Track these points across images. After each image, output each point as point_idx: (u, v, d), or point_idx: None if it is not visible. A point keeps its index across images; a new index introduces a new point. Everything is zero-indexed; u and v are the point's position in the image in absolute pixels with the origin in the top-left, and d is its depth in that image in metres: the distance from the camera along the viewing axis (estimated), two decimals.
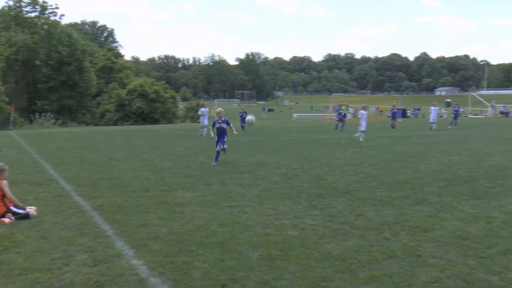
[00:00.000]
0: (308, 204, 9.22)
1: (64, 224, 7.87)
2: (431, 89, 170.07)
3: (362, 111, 25.86)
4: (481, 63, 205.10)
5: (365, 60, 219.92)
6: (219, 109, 15.76)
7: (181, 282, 5.30)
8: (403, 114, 61.07)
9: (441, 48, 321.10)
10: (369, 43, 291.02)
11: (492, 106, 68.48)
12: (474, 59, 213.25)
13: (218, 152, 15.10)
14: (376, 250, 6.41)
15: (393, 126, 36.17)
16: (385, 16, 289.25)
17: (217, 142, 15.08)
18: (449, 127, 36.17)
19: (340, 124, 35.14)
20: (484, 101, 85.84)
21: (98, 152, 19.42)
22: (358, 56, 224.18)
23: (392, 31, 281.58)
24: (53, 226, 7.79)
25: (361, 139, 23.96)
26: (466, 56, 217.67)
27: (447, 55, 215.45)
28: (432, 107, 35.70)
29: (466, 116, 65.35)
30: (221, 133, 15.17)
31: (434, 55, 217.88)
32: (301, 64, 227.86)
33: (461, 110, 51.34)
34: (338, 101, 48.69)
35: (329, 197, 9.88)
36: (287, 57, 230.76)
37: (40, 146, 22.37)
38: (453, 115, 38.76)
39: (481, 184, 11.40)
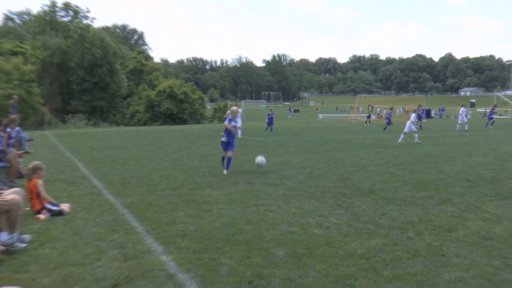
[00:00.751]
0: (333, 203, 9.20)
1: (96, 221, 8.00)
2: (455, 89, 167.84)
3: (413, 114, 25.37)
4: (507, 63, 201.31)
5: (389, 61, 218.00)
6: (234, 107, 13.93)
7: (208, 278, 5.35)
8: (428, 114, 60.38)
9: (466, 48, 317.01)
10: (394, 43, 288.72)
11: None
12: (500, 59, 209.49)
13: (229, 159, 13.15)
14: (400, 249, 6.37)
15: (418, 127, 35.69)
16: (410, 16, 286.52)
17: (227, 146, 13.17)
18: (486, 127, 35.85)
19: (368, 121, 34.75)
20: (510, 101, 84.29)
21: (128, 151, 19.61)
22: (382, 57, 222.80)
23: (417, 31, 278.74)
24: (86, 222, 7.92)
25: (416, 140, 23.60)
26: (492, 56, 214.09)
27: (472, 56, 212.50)
28: (462, 108, 35.12)
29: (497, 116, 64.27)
30: (232, 135, 13.31)
31: (458, 55, 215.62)
32: (326, 65, 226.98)
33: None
34: (364, 102, 48.32)
35: (354, 197, 9.84)
36: (312, 58, 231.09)
37: (73, 145, 22.71)
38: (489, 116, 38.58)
39: (506, 185, 11.22)
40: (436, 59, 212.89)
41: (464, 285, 5.18)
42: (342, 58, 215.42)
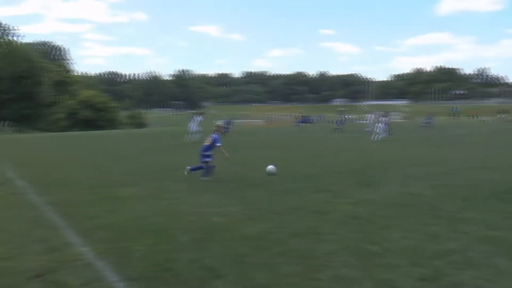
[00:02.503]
0: (229, 195, 9.29)
1: (19, 218, 7.53)
2: (329, 100, 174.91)
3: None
4: (367, 79, 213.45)
5: (276, 77, 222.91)
6: (219, 123, 12.85)
7: (123, 264, 5.23)
8: (307, 120, 62.44)
9: (337, 67, 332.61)
10: (279, 63, 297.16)
11: (374, 114, 71.27)
12: (362, 76, 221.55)
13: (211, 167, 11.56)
14: (285, 230, 6.58)
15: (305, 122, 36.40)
16: (291, 41, 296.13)
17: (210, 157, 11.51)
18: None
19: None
20: (369, 109, 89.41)
21: (51, 154, 18.63)
22: (270, 73, 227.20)
23: (297, 53, 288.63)
24: (10, 219, 7.45)
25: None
26: (356, 74, 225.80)
27: (341, 73, 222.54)
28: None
29: (356, 122, 67.64)
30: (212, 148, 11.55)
31: (332, 73, 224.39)
32: (224, 80, 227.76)
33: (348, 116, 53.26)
34: (254, 110, 49.14)
35: (246, 189, 10.00)
36: (212, 73, 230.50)
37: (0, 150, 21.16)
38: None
39: (366, 175, 11.93)
40: (313, 75, 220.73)
41: (336, 256, 5.46)
42: (237, 73, 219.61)
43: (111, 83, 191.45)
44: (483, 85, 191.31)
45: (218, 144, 11.40)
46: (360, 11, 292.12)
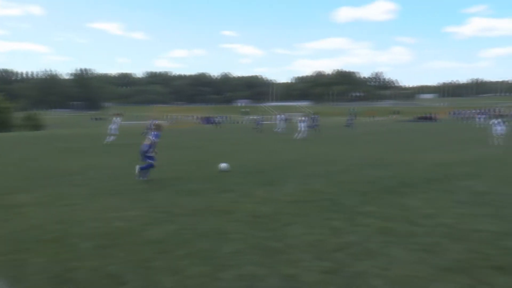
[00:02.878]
0: (133, 198, 9.00)
1: None
2: (231, 101, 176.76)
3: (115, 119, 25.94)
4: (269, 81, 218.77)
5: (179, 77, 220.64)
6: (161, 122, 12.47)
7: (18, 278, 4.85)
8: (211, 121, 62.55)
9: (240, 69, 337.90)
10: (182, 63, 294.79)
11: (278, 114, 73.37)
12: (265, 78, 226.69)
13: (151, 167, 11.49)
14: (190, 232, 6.51)
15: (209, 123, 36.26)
16: (194, 42, 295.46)
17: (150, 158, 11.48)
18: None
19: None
20: (271, 111, 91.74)
21: None
22: (173, 73, 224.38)
23: (200, 54, 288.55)
24: None
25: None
26: (259, 76, 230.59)
27: (245, 75, 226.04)
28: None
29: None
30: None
31: (235, 74, 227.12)
32: (126, 79, 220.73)
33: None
34: (158, 111, 48.31)
35: (151, 191, 9.78)
36: (114, 73, 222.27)
37: None
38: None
39: (269, 175, 12.20)
40: (217, 76, 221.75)
41: (241, 254, 5.51)
42: (140, 73, 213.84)
43: (3, 82, 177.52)
44: (378, 88, 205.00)
45: (154, 139, 11.51)
46: (261, 14, 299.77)
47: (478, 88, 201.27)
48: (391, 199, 8.85)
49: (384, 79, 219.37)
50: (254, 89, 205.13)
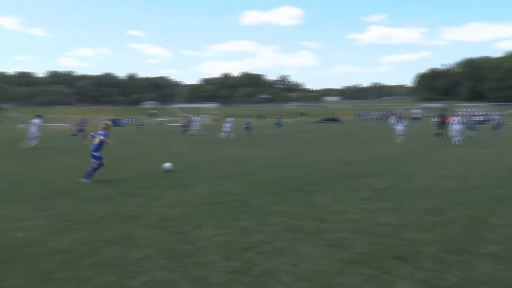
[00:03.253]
0: (36, 207, 8.45)
1: None
2: (138, 102, 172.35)
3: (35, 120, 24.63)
4: (176, 83, 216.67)
5: (83, 77, 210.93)
6: (108, 121, 13.24)
7: None
8: (117, 124, 60.63)
9: (147, 69, 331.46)
10: (87, 62, 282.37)
11: (185, 117, 72.83)
12: (171, 80, 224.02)
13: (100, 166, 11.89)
14: (97, 239, 6.27)
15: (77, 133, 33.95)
16: (100, 41, 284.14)
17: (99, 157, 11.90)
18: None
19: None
20: (179, 112, 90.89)
21: None
22: (78, 73, 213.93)
23: (106, 53, 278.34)
24: None
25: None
26: (166, 77, 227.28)
27: (151, 76, 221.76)
28: (196, 117, 37.50)
29: (165, 124, 68.07)
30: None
31: (141, 75, 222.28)
32: (25, 79, 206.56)
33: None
34: (61, 113, 45.77)
35: (55, 199, 9.25)
36: (12, 71, 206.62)
37: None
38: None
39: (179, 177, 12.09)
40: (123, 77, 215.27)
41: (150, 260, 5.41)
42: (41, 73, 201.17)
43: None
44: (284, 90, 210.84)
45: (103, 137, 11.89)
46: (169, 14, 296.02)
47: (378, 92, 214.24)
48: (299, 198, 9.16)
49: (290, 82, 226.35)
50: (161, 90, 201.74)
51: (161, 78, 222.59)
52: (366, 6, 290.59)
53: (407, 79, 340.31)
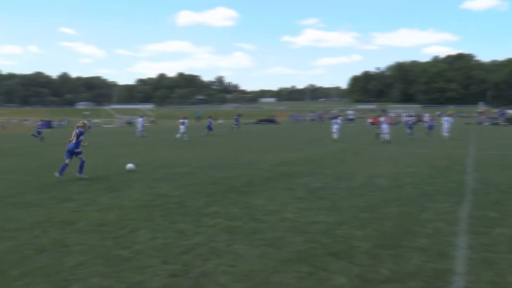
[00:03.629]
0: None
1: None
2: (72, 103, 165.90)
3: None
4: (111, 83, 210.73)
5: (11, 76, 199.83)
6: (85, 121, 13.55)
7: None
8: (49, 125, 57.91)
9: (80, 69, 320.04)
10: (15, 61, 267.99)
11: (118, 118, 71.09)
12: (106, 80, 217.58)
13: (82, 163, 12.55)
14: (28, 248, 5.98)
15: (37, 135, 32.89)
16: (29, 38, 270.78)
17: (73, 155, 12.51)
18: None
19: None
20: (115, 113, 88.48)
21: None
22: (3, 72, 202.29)
23: (35, 51, 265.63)
24: None
25: None
26: (100, 77, 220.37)
27: (84, 75, 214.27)
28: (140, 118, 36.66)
29: (101, 126, 66.06)
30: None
31: (74, 74, 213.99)
32: None
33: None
34: None
35: None
36: None
37: None
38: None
39: (114, 180, 11.79)
40: (54, 76, 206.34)
41: (85, 267, 5.24)
42: None
43: None
44: (220, 91, 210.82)
45: (82, 137, 12.52)
46: (102, 12, 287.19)
47: (313, 93, 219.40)
48: (235, 199, 9.21)
49: (226, 83, 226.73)
50: (96, 90, 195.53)
51: (95, 78, 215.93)
52: (300, 9, 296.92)
53: (341, 81, 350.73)
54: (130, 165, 13.86)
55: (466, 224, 7.17)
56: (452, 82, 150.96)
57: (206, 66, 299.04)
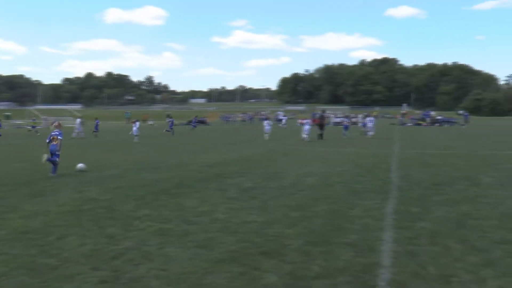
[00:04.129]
0: None
1: None
2: None
3: None
4: (35, 82, 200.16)
5: None
6: (57, 122, 14.54)
7: None
8: None
9: (0, 66, 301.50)
10: None
11: (44, 119, 67.69)
12: (29, 79, 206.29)
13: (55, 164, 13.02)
14: None
15: None
16: None
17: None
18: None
19: None
20: (39, 114, 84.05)
21: None
22: None
23: None
24: None
25: None
26: (22, 75, 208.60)
27: (5, 74, 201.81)
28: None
29: (24, 127, 62.50)
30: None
31: None
32: None
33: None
34: None
35: None
36: None
37: None
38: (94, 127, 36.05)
39: (39, 185, 11.21)
40: None
41: (7, 278, 4.95)
42: None
43: None
44: (150, 92, 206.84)
45: (60, 138, 13.16)
46: (23, 6, 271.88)
47: (243, 94, 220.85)
48: (166, 201, 9.07)
49: (155, 83, 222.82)
50: (18, 90, 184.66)
51: (18, 76, 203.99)
52: (229, 11, 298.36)
53: (271, 83, 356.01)
54: (80, 165, 13.77)
55: (391, 219, 7.53)
56: (378, 85, 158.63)
57: (136, 66, 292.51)
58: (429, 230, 6.84)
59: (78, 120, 35.58)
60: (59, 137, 13.01)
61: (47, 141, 13.12)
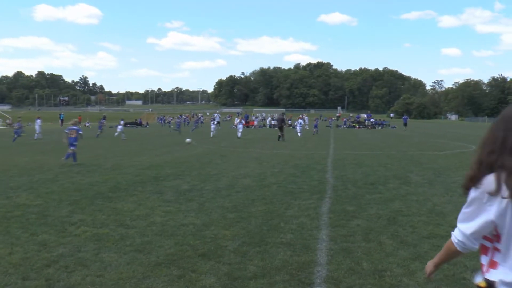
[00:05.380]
0: None
1: None
2: None
3: None
4: None
5: None
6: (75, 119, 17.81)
7: None
8: None
9: None
10: None
11: (39, 120, 63.25)
12: None
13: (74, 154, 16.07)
14: None
15: None
16: None
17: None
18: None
19: None
20: (5, 114, 78.48)
21: None
22: None
23: None
24: None
25: None
26: None
27: None
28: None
29: None
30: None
31: None
32: None
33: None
34: None
35: None
36: None
37: None
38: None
39: None
40: None
41: None
42: None
43: None
44: (85, 93, 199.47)
45: (81, 132, 16.85)
46: None
47: (180, 96, 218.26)
48: (102, 205, 8.76)
49: (90, 84, 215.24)
50: None
51: None
52: (164, 11, 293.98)
53: (207, 85, 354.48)
54: (188, 140, 14.54)
55: (327, 218, 7.71)
56: (313, 88, 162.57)
57: (69, 66, 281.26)
58: (363, 228, 7.07)
59: (39, 121, 33.61)
60: (79, 132, 16.44)
61: (66, 131, 16.13)
